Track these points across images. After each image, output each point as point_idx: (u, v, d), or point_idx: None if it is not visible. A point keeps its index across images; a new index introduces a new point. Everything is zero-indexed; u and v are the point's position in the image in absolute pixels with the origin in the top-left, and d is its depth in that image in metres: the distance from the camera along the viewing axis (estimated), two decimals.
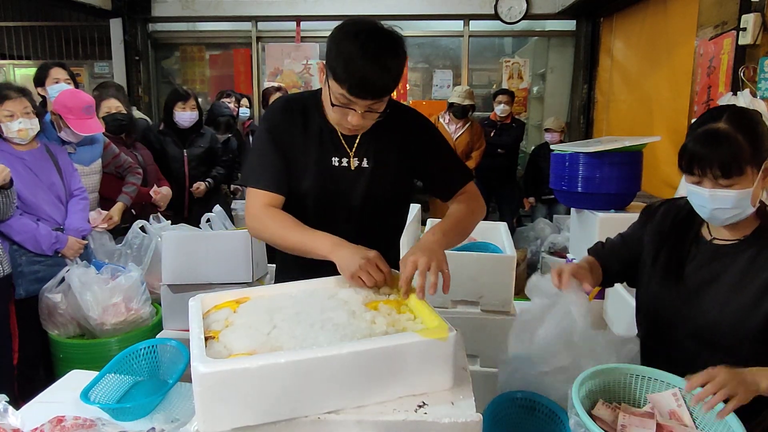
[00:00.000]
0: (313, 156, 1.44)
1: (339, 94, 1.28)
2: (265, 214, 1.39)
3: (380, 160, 1.47)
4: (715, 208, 1.23)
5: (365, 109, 1.30)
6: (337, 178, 1.45)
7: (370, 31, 1.26)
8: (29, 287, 2.44)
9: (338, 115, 1.34)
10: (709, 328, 1.29)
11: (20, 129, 2.38)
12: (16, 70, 6.54)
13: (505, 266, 2.06)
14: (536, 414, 1.61)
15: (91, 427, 1.15)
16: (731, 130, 1.19)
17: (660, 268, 1.40)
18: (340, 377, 0.97)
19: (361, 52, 1.23)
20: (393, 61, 1.26)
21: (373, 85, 1.25)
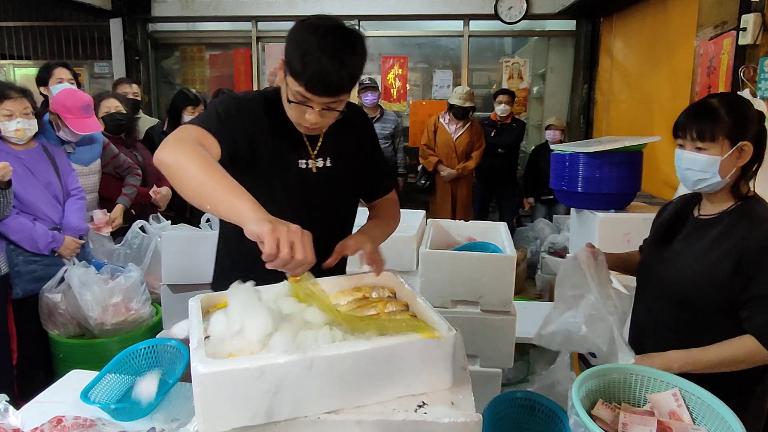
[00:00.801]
0: (278, 156, 1.39)
1: (296, 91, 1.25)
2: (190, 144, 1.15)
3: (342, 159, 1.47)
4: (686, 168, 1.43)
5: (322, 107, 1.27)
6: (300, 180, 1.41)
7: (329, 27, 1.23)
8: (26, 287, 2.44)
9: (296, 113, 1.31)
10: (677, 288, 1.45)
11: (18, 129, 2.38)
12: (17, 70, 6.54)
13: (505, 266, 2.06)
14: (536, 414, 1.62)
15: (91, 427, 1.15)
16: (717, 105, 1.39)
17: (653, 243, 1.60)
18: (339, 377, 0.97)
19: (318, 48, 1.19)
20: (351, 58, 1.22)
21: (329, 81, 1.21)
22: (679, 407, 1.21)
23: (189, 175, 1.08)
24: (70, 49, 6.49)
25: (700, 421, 1.19)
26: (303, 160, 1.42)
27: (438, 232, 2.46)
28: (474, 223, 2.58)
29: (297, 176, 1.41)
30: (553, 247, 4.36)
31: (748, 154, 1.38)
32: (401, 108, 6.07)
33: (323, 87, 1.22)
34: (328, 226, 1.45)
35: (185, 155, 1.10)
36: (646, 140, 2.87)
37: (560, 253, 4.16)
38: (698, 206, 1.54)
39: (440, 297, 2.10)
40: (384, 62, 6.04)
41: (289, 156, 1.40)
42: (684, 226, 1.53)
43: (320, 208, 1.44)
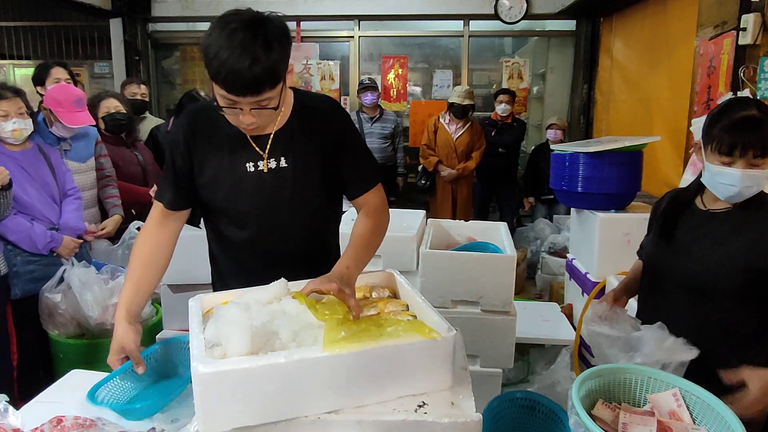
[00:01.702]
0: (225, 165, 1.39)
1: (220, 95, 1.22)
2: (143, 231, 1.47)
3: (299, 157, 1.40)
4: (745, 186, 1.38)
5: (252, 106, 1.22)
6: (253, 183, 1.39)
7: (240, 22, 1.17)
8: (25, 287, 2.44)
9: (231, 117, 1.28)
10: (694, 277, 1.46)
11: (14, 129, 2.38)
12: (16, 70, 6.54)
13: (505, 266, 2.06)
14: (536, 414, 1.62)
15: (91, 427, 1.14)
16: (763, 116, 1.36)
17: (656, 233, 1.60)
18: (340, 377, 0.97)
19: (228, 46, 1.15)
20: (264, 52, 1.16)
21: (244, 80, 1.16)
22: (679, 407, 1.21)
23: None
24: (70, 49, 6.49)
25: (700, 421, 1.19)
26: (251, 163, 1.38)
27: (438, 232, 2.46)
28: (474, 223, 2.58)
29: (248, 180, 1.39)
30: (553, 247, 4.36)
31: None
32: (401, 108, 6.07)
33: (240, 87, 1.17)
34: (307, 227, 1.46)
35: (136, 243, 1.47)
36: (646, 140, 2.87)
37: (560, 253, 4.16)
38: (701, 199, 1.54)
39: (440, 297, 2.09)
40: (384, 62, 6.04)
41: (236, 162, 1.38)
42: (687, 218, 1.54)
43: (285, 210, 1.41)
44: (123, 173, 3.15)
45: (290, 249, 1.45)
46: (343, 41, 6.20)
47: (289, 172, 1.39)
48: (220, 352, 1.01)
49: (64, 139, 2.79)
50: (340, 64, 6.07)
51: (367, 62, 6.28)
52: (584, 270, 3.02)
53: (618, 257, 2.61)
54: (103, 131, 3.12)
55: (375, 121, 4.87)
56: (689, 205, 1.56)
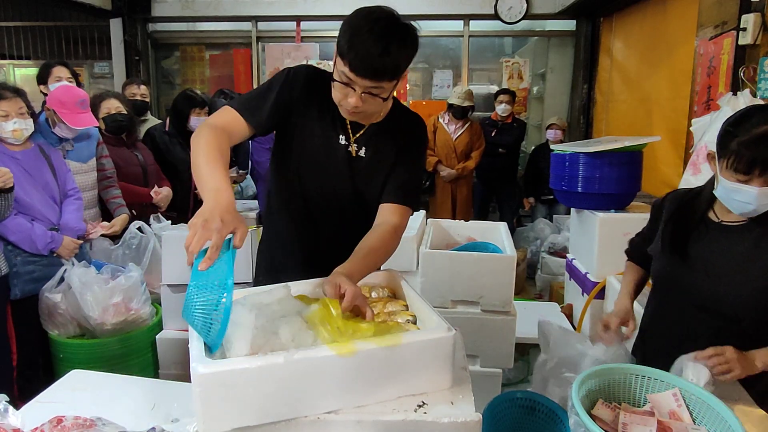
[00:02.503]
0: (321, 127, 1.46)
1: (341, 71, 1.28)
2: (209, 129, 1.34)
3: (378, 153, 1.48)
4: (762, 204, 1.31)
5: (363, 91, 1.29)
6: (337, 156, 1.47)
7: (383, 14, 1.27)
8: (25, 287, 2.44)
9: (339, 94, 1.34)
10: (717, 299, 1.39)
11: (15, 129, 2.38)
12: (16, 70, 6.54)
13: (505, 266, 2.06)
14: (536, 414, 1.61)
15: (91, 427, 1.14)
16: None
17: (666, 246, 1.51)
18: (339, 377, 0.97)
19: (367, 30, 1.23)
20: (397, 45, 1.25)
21: (371, 63, 1.24)
22: (679, 407, 1.21)
23: (194, 160, 1.26)
24: (70, 49, 6.49)
25: (700, 421, 1.19)
26: (343, 138, 1.46)
27: (438, 232, 2.46)
28: (474, 223, 2.58)
29: (337, 151, 1.46)
30: (553, 247, 4.36)
31: None
32: None
33: (364, 68, 1.25)
34: (354, 212, 1.52)
35: (198, 143, 1.28)
36: (646, 140, 2.87)
37: (560, 253, 4.16)
38: (714, 210, 1.46)
39: (440, 297, 2.10)
40: None
41: (329, 130, 1.46)
42: (701, 231, 1.46)
43: (349, 194, 1.49)
44: (123, 174, 3.15)
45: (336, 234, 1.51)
46: None
47: (364, 163, 1.48)
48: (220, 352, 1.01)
49: (66, 139, 2.79)
50: None
51: None
52: (584, 270, 3.02)
53: (618, 257, 2.58)
54: (103, 131, 3.11)
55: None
56: (703, 218, 1.47)
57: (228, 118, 1.41)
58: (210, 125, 1.36)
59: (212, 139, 1.31)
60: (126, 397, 1.39)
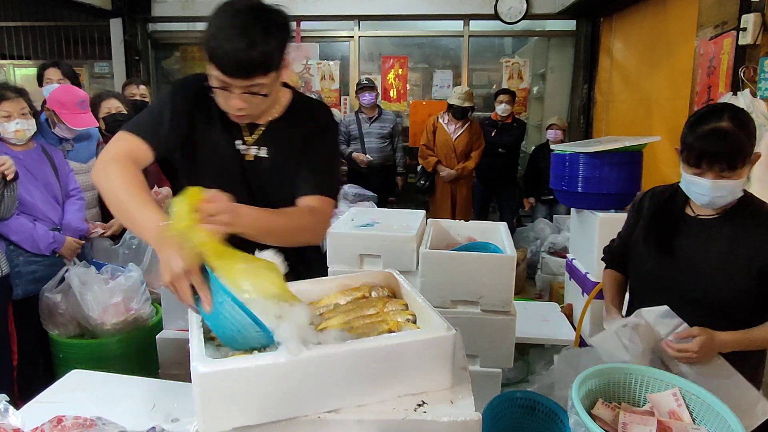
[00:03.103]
0: (217, 140, 1.39)
1: (214, 76, 1.23)
2: (115, 163, 1.22)
3: (281, 150, 1.41)
4: (716, 196, 1.40)
5: (243, 91, 1.23)
6: (234, 163, 1.40)
7: (244, 6, 1.19)
8: (27, 287, 2.44)
9: (221, 100, 1.29)
10: (702, 290, 1.45)
11: (17, 130, 2.38)
12: (16, 70, 6.54)
13: (505, 266, 2.06)
14: (536, 414, 1.62)
15: (92, 427, 1.14)
16: (734, 129, 1.35)
17: (652, 245, 1.56)
18: (339, 377, 0.97)
19: (228, 27, 1.17)
20: (263, 37, 1.17)
21: (238, 60, 1.17)
22: (679, 407, 1.21)
23: (108, 198, 1.19)
24: (70, 49, 6.49)
25: (700, 420, 1.19)
26: (240, 141, 1.40)
27: (438, 232, 2.46)
28: (474, 223, 2.58)
29: (234, 158, 1.39)
30: (553, 247, 4.36)
31: (756, 159, 1.41)
32: (401, 108, 6.08)
33: (234, 68, 1.18)
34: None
35: (108, 177, 1.20)
36: (646, 140, 2.87)
37: (560, 253, 4.16)
38: (689, 204, 1.54)
39: (440, 297, 2.09)
40: (384, 62, 6.04)
41: (225, 139, 1.39)
42: (681, 228, 1.53)
43: (260, 198, 1.39)
44: None
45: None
46: (343, 41, 6.21)
47: (268, 162, 1.40)
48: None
49: (66, 139, 2.79)
50: (340, 64, 6.07)
51: (367, 62, 6.28)
52: (584, 270, 3.02)
53: None
54: (103, 131, 3.12)
55: (373, 121, 4.87)
56: (680, 213, 1.55)
57: (127, 146, 1.29)
58: (112, 158, 1.24)
59: (121, 171, 1.20)
60: (126, 397, 1.39)
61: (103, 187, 1.20)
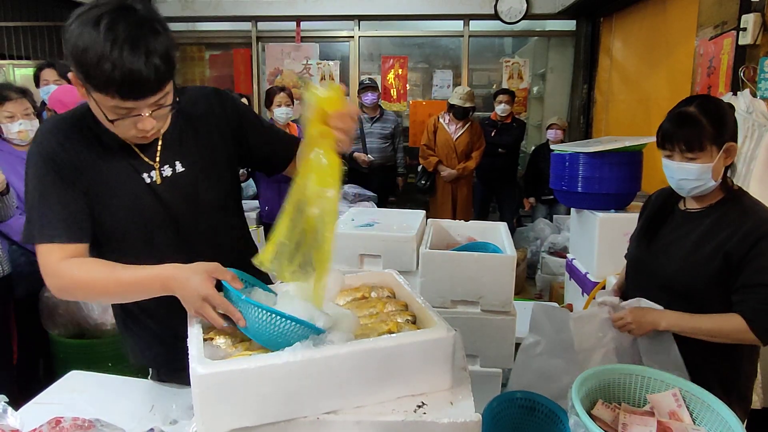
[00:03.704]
0: (121, 181, 1.18)
1: (110, 107, 1.03)
2: (68, 267, 1.11)
3: (195, 159, 1.25)
4: (680, 179, 1.46)
5: (152, 108, 1.06)
6: (152, 196, 1.21)
7: (110, 11, 0.99)
8: (29, 287, 2.44)
9: (125, 129, 1.08)
10: (673, 278, 1.50)
11: (20, 130, 2.39)
12: (16, 70, 6.54)
13: (505, 266, 2.05)
14: (536, 414, 1.61)
15: (90, 428, 1.14)
16: (697, 113, 1.42)
17: (641, 234, 1.65)
18: (339, 377, 0.97)
19: (112, 45, 0.95)
20: (155, 40, 1.01)
21: (144, 80, 0.99)
22: (679, 407, 1.21)
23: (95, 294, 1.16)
24: None
25: (700, 421, 1.19)
26: (145, 173, 1.20)
27: (438, 232, 2.46)
28: (474, 223, 2.57)
29: (149, 194, 1.21)
30: (553, 247, 4.36)
31: (734, 152, 1.44)
32: (401, 108, 6.08)
33: (141, 89, 1.01)
34: (215, 228, 1.31)
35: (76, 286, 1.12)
36: (646, 140, 2.86)
37: (560, 253, 4.16)
38: (683, 200, 1.58)
39: (440, 297, 2.09)
40: (384, 62, 6.04)
41: (128, 177, 1.19)
42: (670, 219, 1.59)
43: (186, 219, 1.25)
44: None
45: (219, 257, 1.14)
46: (343, 41, 6.21)
47: (188, 175, 1.24)
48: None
49: None
50: (340, 64, 6.07)
51: (367, 62, 6.29)
52: (584, 270, 3.01)
53: (618, 257, 2.58)
54: None
55: (375, 122, 4.87)
56: (673, 207, 1.60)
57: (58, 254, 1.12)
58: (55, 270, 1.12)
59: (78, 266, 1.11)
60: (125, 399, 1.39)
61: (80, 290, 1.13)
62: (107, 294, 1.15)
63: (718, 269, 1.41)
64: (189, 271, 1.05)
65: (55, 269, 1.12)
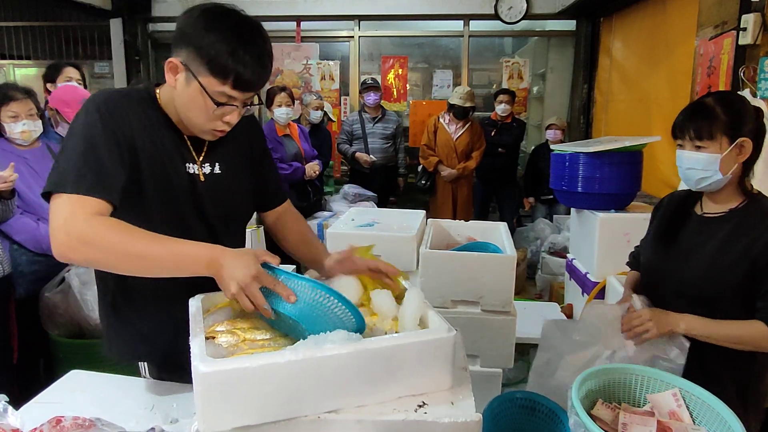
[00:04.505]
0: (160, 160, 1.22)
1: (218, 92, 1.13)
2: (100, 224, 1.04)
3: (231, 166, 1.35)
4: (688, 168, 1.45)
5: (245, 104, 1.20)
6: (191, 187, 1.27)
7: (238, 16, 1.14)
8: (29, 287, 2.45)
9: (212, 118, 1.17)
10: (693, 285, 1.46)
11: (24, 131, 2.39)
12: (16, 70, 6.54)
13: (505, 266, 2.06)
14: (536, 414, 1.62)
15: (90, 428, 1.14)
16: (712, 103, 1.42)
17: (657, 238, 1.61)
18: (340, 377, 0.97)
19: (242, 41, 1.11)
20: (267, 44, 1.17)
21: (262, 77, 1.16)
22: (679, 407, 1.21)
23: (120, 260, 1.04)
24: (70, 49, 6.49)
25: (700, 421, 1.19)
26: (190, 164, 1.27)
27: (438, 232, 2.46)
28: (474, 223, 2.58)
29: (186, 182, 1.26)
30: (553, 247, 4.36)
31: (747, 150, 1.40)
32: (401, 108, 6.08)
33: (252, 83, 1.15)
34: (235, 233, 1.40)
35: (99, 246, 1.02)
36: (646, 140, 2.87)
37: (560, 253, 4.16)
38: (699, 204, 1.55)
39: (440, 297, 2.09)
40: (384, 62, 6.04)
41: (175, 162, 1.25)
42: (686, 224, 1.54)
43: (212, 218, 1.31)
44: None
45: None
46: (343, 41, 6.21)
47: (221, 180, 1.32)
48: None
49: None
50: (340, 64, 6.08)
51: (367, 62, 6.29)
52: (584, 270, 3.02)
53: (618, 257, 2.60)
54: None
55: (377, 122, 4.87)
56: (689, 211, 1.56)
57: (88, 209, 1.05)
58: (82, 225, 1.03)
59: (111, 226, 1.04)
60: (125, 398, 1.38)
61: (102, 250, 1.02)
62: (138, 262, 1.04)
63: (744, 276, 1.38)
64: (238, 251, 1.05)
65: (83, 221, 1.03)
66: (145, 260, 1.04)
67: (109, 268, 1.08)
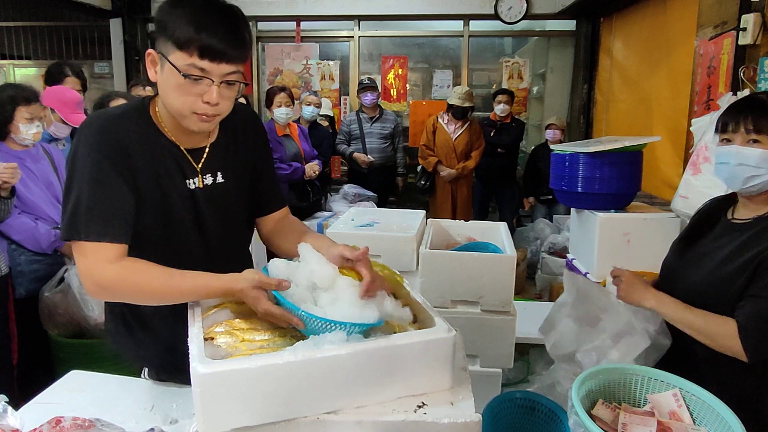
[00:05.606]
0: (159, 181, 1.20)
1: (187, 65, 1.06)
2: (121, 271, 1.10)
3: (232, 173, 1.31)
4: (738, 164, 1.33)
5: (222, 80, 1.10)
6: (191, 204, 1.25)
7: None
8: (29, 286, 2.44)
9: (189, 99, 1.11)
10: (698, 290, 1.42)
11: (37, 132, 2.42)
12: (16, 70, 6.54)
13: (505, 266, 2.05)
14: (536, 414, 1.62)
15: (90, 428, 1.14)
16: (766, 98, 1.33)
17: (679, 239, 1.58)
18: (339, 377, 0.97)
19: (204, 9, 1.06)
20: (243, 23, 1.11)
21: (229, 38, 1.06)
22: (679, 407, 1.21)
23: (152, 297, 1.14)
24: (69, 49, 6.49)
25: (700, 421, 1.19)
26: (191, 179, 1.24)
27: (438, 232, 2.46)
28: (474, 223, 2.58)
29: (187, 198, 1.24)
30: (553, 247, 4.36)
31: None
32: (401, 108, 6.08)
33: (224, 48, 1.06)
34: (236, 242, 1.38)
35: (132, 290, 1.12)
36: (646, 140, 2.86)
37: (560, 253, 4.16)
38: (733, 208, 1.49)
39: (440, 297, 2.09)
40: (384, 62, 6.04)
41: (176, 181, 1.22)
42: (714, 228, 1.49)
43: (213, 229, 1.29)
44: None
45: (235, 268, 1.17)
46: (343, 41, 6.21)
47: (221, 189, 1.29)
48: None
49: (58, 138, 2.80)
50: (340, 64, 6.08)
51: (367, 62, 6.28)
52: (584, 270, 3.01)
53: (618, 257, 2.61)
54: None
55: (374, 121, 4.87)
56: (719, 216, 1.50)
57: (112, 255, 1.10)
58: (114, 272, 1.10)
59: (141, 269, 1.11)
60: (125, 398, 1.38)
61: (130, 293, 1.13)
62: (163, 299, 1.15)
63: (742, 287, 1.31)
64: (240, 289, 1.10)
65: (102, 271, 1.10)
66: (168, 300, 1.15)
67: (142, 302, 1.19)
